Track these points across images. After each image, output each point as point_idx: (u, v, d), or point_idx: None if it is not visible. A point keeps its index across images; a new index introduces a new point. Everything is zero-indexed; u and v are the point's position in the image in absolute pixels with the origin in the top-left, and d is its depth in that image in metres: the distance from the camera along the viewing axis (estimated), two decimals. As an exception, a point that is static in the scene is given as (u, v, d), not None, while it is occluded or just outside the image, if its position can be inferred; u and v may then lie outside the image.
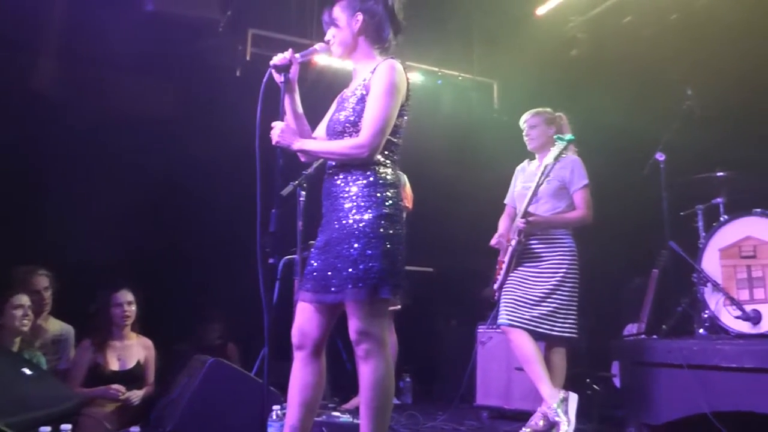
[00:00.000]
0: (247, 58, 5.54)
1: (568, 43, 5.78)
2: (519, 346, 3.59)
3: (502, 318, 3.66)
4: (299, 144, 2.53)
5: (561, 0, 5.73)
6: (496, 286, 3.79)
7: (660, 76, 5.18)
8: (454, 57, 6.49)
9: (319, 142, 2.62)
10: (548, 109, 4.00)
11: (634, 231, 5.06)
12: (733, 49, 4.73)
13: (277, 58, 2.55)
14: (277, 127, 2.53)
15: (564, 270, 3.65)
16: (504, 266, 3.74)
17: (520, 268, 3.71)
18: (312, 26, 5.67)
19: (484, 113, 6.71)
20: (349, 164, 2.49)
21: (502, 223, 3.98)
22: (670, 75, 5.01)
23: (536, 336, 3.63)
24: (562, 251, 3.68)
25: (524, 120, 3.98)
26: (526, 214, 3.61)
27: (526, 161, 4.06)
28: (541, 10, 5.90)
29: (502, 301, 3.71)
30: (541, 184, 3.63)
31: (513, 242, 3.69)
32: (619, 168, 5.03)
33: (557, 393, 3.45)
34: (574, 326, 3.64)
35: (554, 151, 3.54)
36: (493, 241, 3.91)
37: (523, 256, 3.71)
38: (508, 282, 3.72)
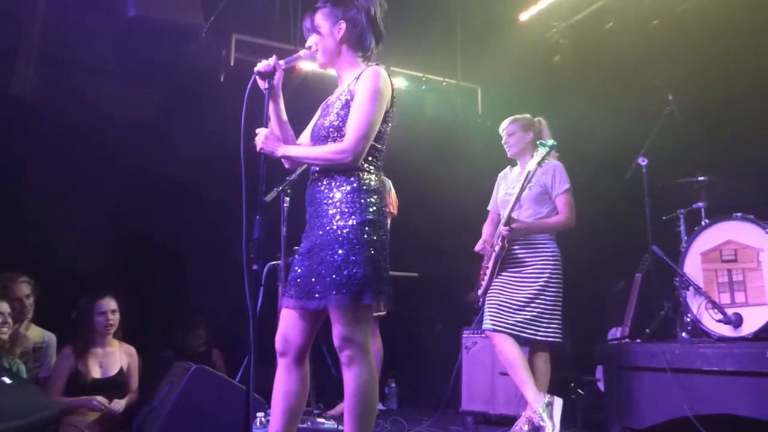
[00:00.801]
0: (231, 63, 5.53)
1: (551, 48, 5.82)
2: (503, 350, 3.60)
3: (487, 323, 3.67)
4: (283, 150, 2.53)
5: (543, 6, 5.78)
6: (480, 292, 3.81)
7: (642, 81, 5.23)
8: (438, 62, 6.52)
9: (302, 148, 2.61)
10: (526, 115, 4.01)
11: (616, 235, 5.10)
12: (714, 54, 4.79)
13: (261, 65, 2.54)
14: (261, 133, 2.53)
15: (547, 275, 3.66)
16: (488, 272, 3.75)
17: (503, 274, 3.72)
18: (295, 31, 5.66)
19: (468, 118, 6.74)
20: (333, 170, 2.48)
21: (486, 229, 4.00)
22: (651, 80, 5.06)
23: (520, 341, 3.64)
24: (545, 256, 3.70)
25: (503, 128, 4.00)
26: (509, 220, 3.62)
27: (508, 168, 4.08)
28: (524, 16, 5.95)
29: (486, 306, 3.72)
30: (524, 189, 3.64)
31: (496, 248, 3.70)
32: (602, 172, 5.07)
33: (542, 397, 3.46)
34: (558, 331, 3.65)
35: (537, 156, 3.55)
36: (477, 247, 3.92)
37: (506, 261, 3.72)
38: (492, 287, 3.74)
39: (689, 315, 3.87)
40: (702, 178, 4.21)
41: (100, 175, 5.24)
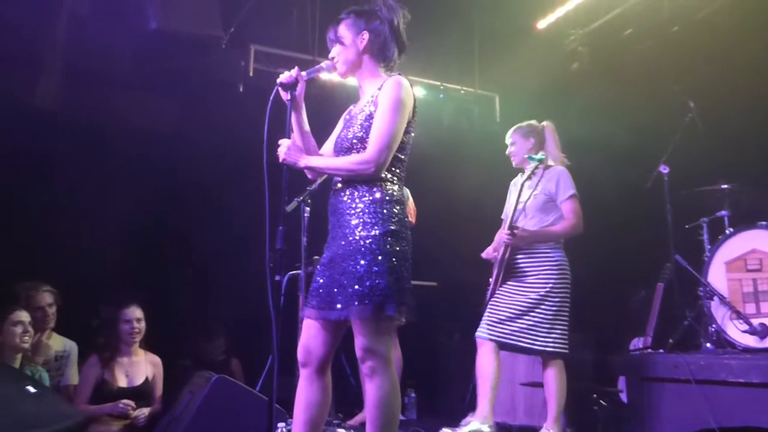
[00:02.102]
0: (250, 73, 5.57)
1: (569, 56, 5.80)
2: (480, 361, 3.56)
3: (480, 331, 3.62)
4: (305, 161, 2.53)
5: (561, 14, 5.76)
6: (487, 298, 3.75)
7: (661, 88, 5.19)
8: (455, 71, 6.52)
9: (325, 159, 2.62)
10: (531, 122, 3.94)
11: (638, 244, 5.05)
12: (736, 60, 4.74)
13: (284, 76, 2.55)
14: (284, 144, 2.53)
15: (550, 284, 3.58)
16: (493, 279, 3.71)
17: (507, 283, 3.67)
18: (313, 42, 5.70)
19: (486, 126, 6.72)
20: (356, 180, 2.48)
21: (497, 237, 3.95)
22: (672, 87, 5.01)
23: (518, 350, 3.59)
24: (548, 265, 3.62)
25: (507, 138, 3.96)
26: (511, 227, 3.58)
27: (519, 174, 4.03)
28: (541, 24, 5.93)
29: (485, 313, 3.67)
30: (522, 201, 3.62)
31: (499, 255, 3.67)
32: (622, 180, 5.02)
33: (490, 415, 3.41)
34: (559, 341, 3.55)
35: (527, 171, 3.52)
36: (483, 254, 3.89)
37: (510, 270, 3.67)
38: (494, 296, 3.69)
39: (714, 325, 3.81)
40: (725, 186, 4.15)
41: (121, 185, 5.29)
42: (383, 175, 2.47)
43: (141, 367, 4.16)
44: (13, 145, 4.73)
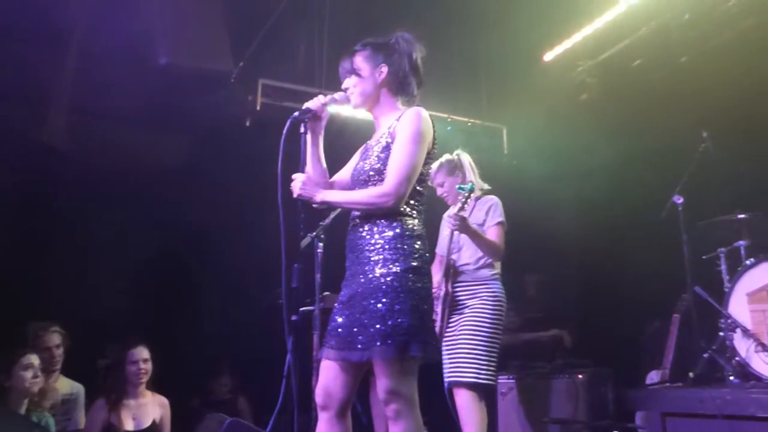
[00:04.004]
0: (258, 107, 5.56)
1: (578, 87, 5.80)
2: (459, 407, 3.45)
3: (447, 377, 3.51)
4: (322, 196, 2.46)
5: (569, 45, 5.77)
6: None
7: (673, 118, 5.17)
8: (463, 103, 6.51)
9: (342, 193, 2.54)
10: (448, 156, 3.87)
11: (652, 275, 4.98)
12: (747, 89, 4.73)
13: (312, 102, 2.50)
14: (299, 178, 2.47)
15: (484, 315, 3.50)
16: (438, 317, 3.60)
17: (452, 319, 3.59)
18: (321, 75, 5.71)
19: (493, 158, 6.68)
20: (375, 215, 2.42)
21: (435, 273, 3.72)
22: (683, 117, 5.00)
23: (454, 384, 3.48)
24: (485, 295, 3.55)
25: (430, 180, 3.76)
26: (449, 263, 3.58)
27: (452, 206, 3.82)
28: (548, 56, 5.94)
29: (443, 356, 3.55)
30: (453, 237, 3.61)
31: (441, 292, 3.60)
32: (636, 212, 4.98)
33: None
34: (480, 371, 3.42)
35: (458, 203, 3.45)
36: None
37: (452, 305, 3.60)
38: (446, 338, 3.58)
39: (738, 358, 3.73)
40: (742, 215, 4.11)
41: (129, 222, 5.24)
42: (402, 209, 2.41)
43: (148, 409, 4.07)
44: (21, 182, 4.70)
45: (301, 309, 4.03)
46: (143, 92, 4.71)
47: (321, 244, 3.64)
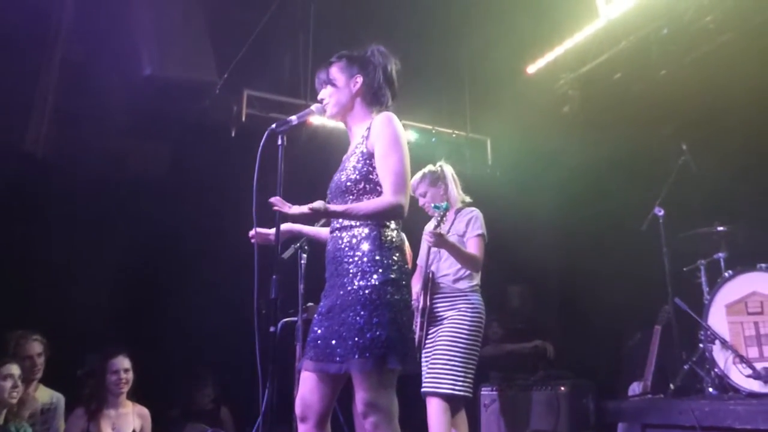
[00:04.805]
0: (243, 118, 5.56)
1: (560, 99, 5.86)
2: (429, 416, 3.43)
3: (424, 386, 3.51)
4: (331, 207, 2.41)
5: (551, 58, 5.83)
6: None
7: (652, 130, 5.23)
8: (447, 115, 6.56)
9: (345, 207, 2.42)
10: (431, 167, 3.86)
11: (633, 287, 5.02)
12: (726, 103, 4.79)
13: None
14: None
15: (464, 326, 3.51)
16: (417, 327, 3.62)
17: (431, 330, 3.60)
18: (305, 87, 5.72)
19: (477, 169, 6.73)
20: (354, 227, 2.42)
21: (414, 284, 3.72)
22: (663, 130, 5.06)
23: (429, 394, 3.47)
24: (464, 306, 3.56)
25: (412, 190, 3.79)
26: (427, 275, 3.60)
27: (432, 220, 3.76)
28: (531, 69, 6.00)
29: (423, 366, 3.57)
30: (431, 253, 3.63)
31: (419, 303, 3.62)
32: (617, 224, 5.02)
33: None
34: (456, 382, 3.42)
35: (433, 220, 3.47)
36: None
37: (431, 316, 3.62)
38: (425, 348, 3.60)
39: (716, 370, 3.76)
40: (721, 228, 4.15)
41: (111, 231, 5.20)
42: (380, 221, 2.41)
43: (129, 419, 4.03)
44: (2, 190, 4.66)
45: (283, 320, 4.05)
46: (127, 101, 4.70)
47: (305, 255, 3.64)
